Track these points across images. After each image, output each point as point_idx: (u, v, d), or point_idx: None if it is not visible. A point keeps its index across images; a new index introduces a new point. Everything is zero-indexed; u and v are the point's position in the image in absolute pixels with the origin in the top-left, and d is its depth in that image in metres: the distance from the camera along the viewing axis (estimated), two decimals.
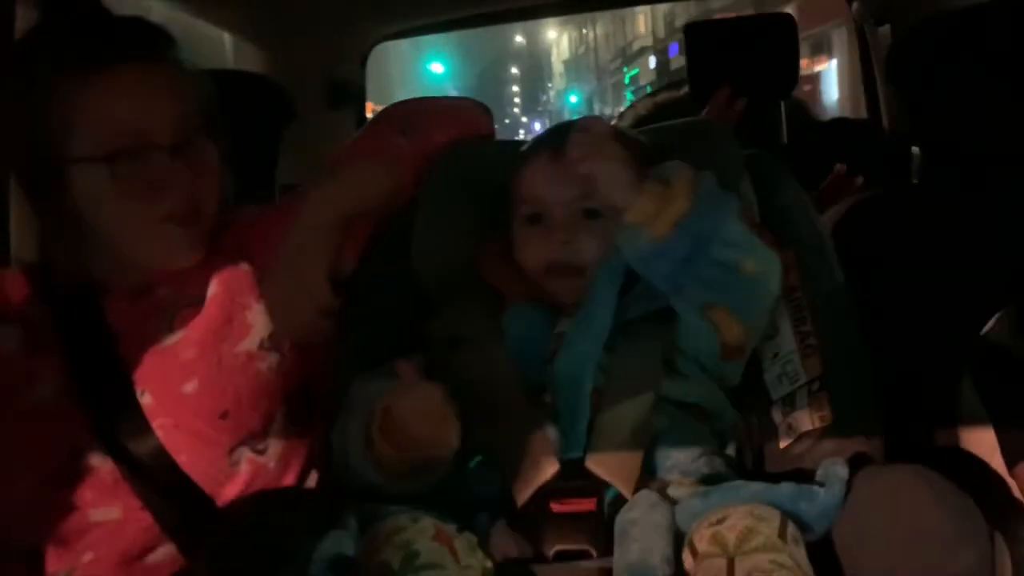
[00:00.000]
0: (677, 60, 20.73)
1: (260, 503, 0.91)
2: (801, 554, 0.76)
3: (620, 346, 0.96)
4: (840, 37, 10.81)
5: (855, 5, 2.25)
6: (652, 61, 21.50)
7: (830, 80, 12.27)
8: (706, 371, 0.98)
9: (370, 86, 2.45)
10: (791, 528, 0.77)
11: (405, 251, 1.13)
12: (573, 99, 28.24)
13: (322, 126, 2.15)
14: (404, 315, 1.09)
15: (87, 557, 1.04)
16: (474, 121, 1.26)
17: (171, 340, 1.09)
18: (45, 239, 1.12)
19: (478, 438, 0.92)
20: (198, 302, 1.10)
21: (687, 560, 0.79)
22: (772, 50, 2.06)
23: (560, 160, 0.99)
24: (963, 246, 1.16)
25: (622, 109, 2.52)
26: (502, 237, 1.08)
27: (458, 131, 1.20)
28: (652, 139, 1.10)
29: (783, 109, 2.14)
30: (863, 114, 2.39)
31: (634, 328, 0.97)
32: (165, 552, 1.07)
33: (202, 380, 1.07)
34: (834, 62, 12.19)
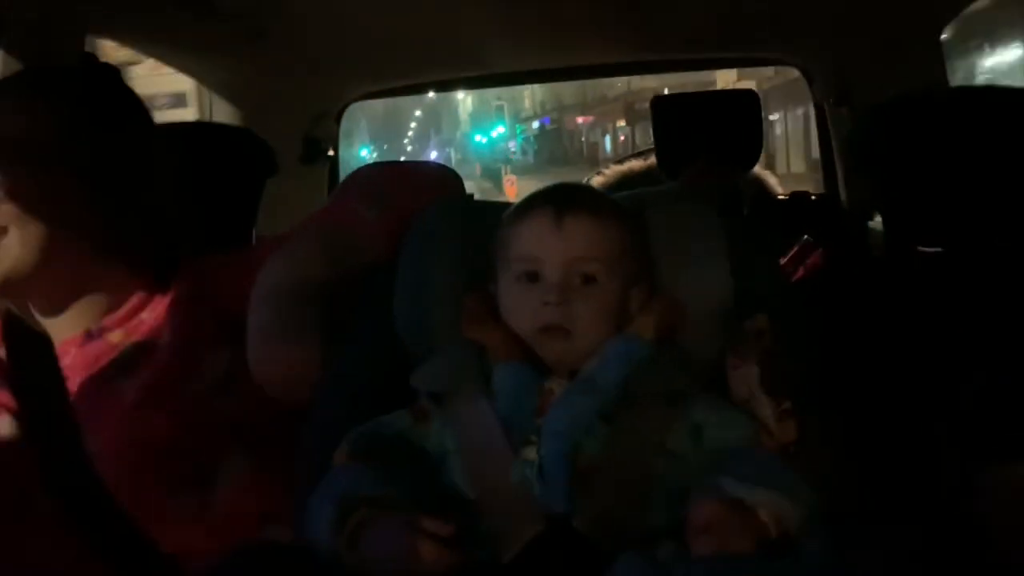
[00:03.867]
0: (551, 127, 34.14)
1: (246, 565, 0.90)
2: None
3: (622, 418, 0.95)
4: None
5: (815, 85, 2.35)
6: (536, 124, 34.90)
7: None
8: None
9: None
10: None
11: (386, 309, 1.14)
12: (483, 139, 37.36)
13: (295, 181, 2.17)
14: (387, 371, 1.09)
15: None
16: (442, 186, 1.28)
17: (120, 383, 1.10)
18: None
19: (462, 493, 0.93)
20: (151, 344, 1.11)
21: None
22: (736, 124, 2.15)
23: (560, 221, 1.01)
24: (929, 317, 1.21)
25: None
26: (483, 295, 1.09)
27: (428, 197, 1.21)
28: (632, 205, 1.14)
29: (745, 182, 2.21)
30: None
31: (640, 402, 0.96)
32: None
33: (148, 423, 1.07)
34: None
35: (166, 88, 5.54)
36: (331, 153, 2.44)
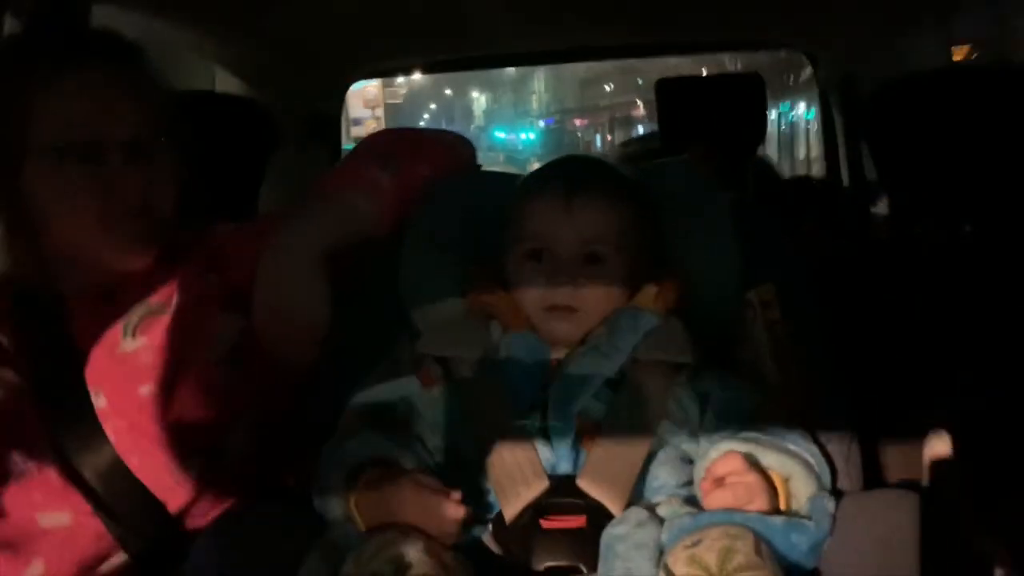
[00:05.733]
0: (554, 127, 37.37)
1: (243, 524, 0.91)
2: (779, 571, 0.78)
3: (628, 385, 0.96)
4: None
5: (820, 71, 2.35)
6: (542, 123, 39.00)
7: None
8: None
9: None
10: (764, 546, 0.79)
11: (391, 278, 1.14)
12: (500, 135, 41.46)
13: (298, 158, 2.16)
14: (393, 337, 1.09)
15: (37, 567, 1.03)
16: (456, 154, 1.28)
17: (132, 345, 1.09)
18: (6, 244, 1.12)
19: (469, 454, 0.93)
20: (162, 310, 1.11)
21: None
22: (741, 108, 2.15)
23: (570, 201, 1.01)
24: (936, 293, 1.21)
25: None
26: (491, 267, 1.09)
27: (441, 165, 1.21)
28: (642, 178, 1.14)
29: (749, 165, 2.22)
30: None
31: (644, 368, 0.97)
32: (118, 561, 1.06)
33: (159, 384, 1.07)
34: None
35: None
36: (335, 131, 2.44)
